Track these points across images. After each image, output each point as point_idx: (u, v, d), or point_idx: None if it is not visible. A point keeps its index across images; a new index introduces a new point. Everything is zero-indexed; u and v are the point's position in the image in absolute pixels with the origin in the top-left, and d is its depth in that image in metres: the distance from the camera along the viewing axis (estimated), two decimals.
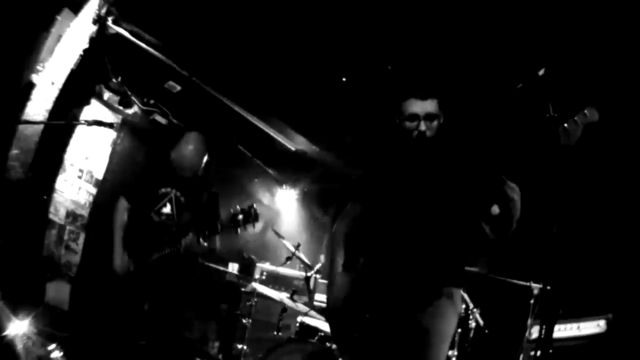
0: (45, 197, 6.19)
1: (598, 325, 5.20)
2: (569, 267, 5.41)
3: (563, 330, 5.39)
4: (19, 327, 4.83)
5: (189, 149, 5.05)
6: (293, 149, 8.90)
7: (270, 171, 9.45)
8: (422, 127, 3.29)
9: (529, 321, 5.59)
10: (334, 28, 6.22)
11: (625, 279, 5.77)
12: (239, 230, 4.83)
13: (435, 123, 3.34)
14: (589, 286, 5.95)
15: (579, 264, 5.92)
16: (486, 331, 6.05)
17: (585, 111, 2.91)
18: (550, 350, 5.04)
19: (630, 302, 5.40)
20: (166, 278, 4.93)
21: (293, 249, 6.62)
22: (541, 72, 2.96)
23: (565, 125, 2.86)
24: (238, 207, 4.80)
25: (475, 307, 6.05)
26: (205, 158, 5.17)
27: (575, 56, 5.16)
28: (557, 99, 2.86)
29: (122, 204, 5.12)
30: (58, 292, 6.42)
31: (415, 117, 3.31)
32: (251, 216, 4.81)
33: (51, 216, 6.39)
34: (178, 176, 5.09)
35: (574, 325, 5.36)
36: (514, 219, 3.09)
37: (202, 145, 5.15)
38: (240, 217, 4.77)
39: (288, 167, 9.44)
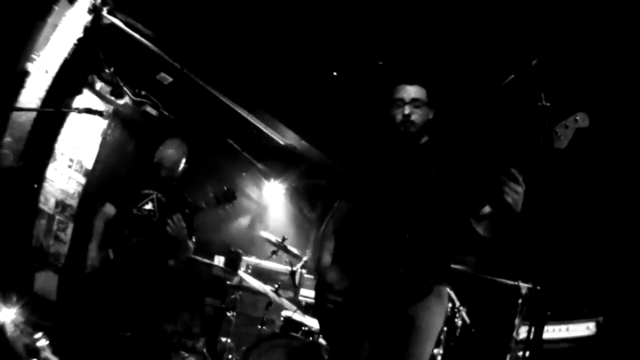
0: (35, 186, 6.15)
1: (588, 327, 5.21)
2: (561, 268, 5.45)
3: (551, 332, 5.38)
4: (8, 316, 4.84)
5: (169, 151, 5.26)
6: (282, 143, 8.89)
7: (258, 165, 9.44)
8: (407, 110, 3.34)
9: (516, 321, 5.58)
10: (326, 22, 6.23)
11: (618, 283, 5.80)
12: (219, 209, 5.05)
13: (421, 110, 3.38)
14: (581, 288, 5.98)
15: (572, 266, 5.95)
16: (472, 330, 6.07)
17: (577, 117, 2.92)
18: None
19: (622, 306, 5.43)
20: (145, 265, 5.02)
21: (278, 244, 6.62)
22: (534, 62, 2.99)
23: (556, 129, 2.89)
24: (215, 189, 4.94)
25: (462, 305, 6.06)
26: (181, 163, 5.32)
27: (568, 46, 5.19)
28: (550, 88, 2.89)
29: (107, 207, 5.26)
30: (46, 282, 6.39)
31: (400, 101, 3.37)
32: (228, 196, 4.99)
33: (41, 205, 6.34)
34: (161, 179, 5.25)
35: (563, 326, 5.36)
36: (509, 219, 3.06)
37: (181, 152, 5.33)
38: (221, 197, 4.96)
39: (277, 162, 9.42)
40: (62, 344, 5.16)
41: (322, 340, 5.35)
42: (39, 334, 5.06)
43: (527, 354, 2.91)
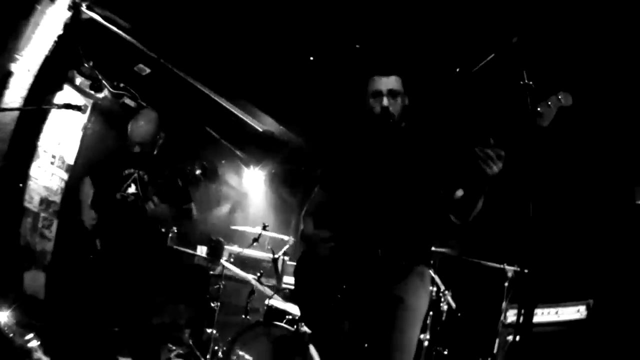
0: (20, 185, 6.11)
1: (578, 311, 5.22)
2: (552, 251, 5.50)
3: (540, 315, 5.37)
4: (1, 317, 4.84)
5: (139, 124, 5.19)
6: (260, 130, 8.90)
7: (237, 152, 9.44)
8: (385, 102, 3.36)
9: (503, 304, 5.63)
10: (301, 7, 6.22)
11: (608, 266, 5.86)
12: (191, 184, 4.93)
13: (398, 100, 3.40)
14: (571, 271, 6.03)
15: (562, 249, 6.01)
16: (459, 314, 6.12)
17: (560, 96, 2.91)
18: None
19: (613, 289, 5.46)
20: (133, 253, 4.96)
21: (258, 232, 6.64)
22: (515, 40, 2.98)
23: (538, 108, 2.88)
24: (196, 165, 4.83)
25: (446, 289, 6.11)
26: (154, 134, 5.25)
27: (550, 22, 5.22)
28: (531, 66, 2.89)
29: (88, 182, 5.25)
30: (34, 281, 6.36)
31: (378, 93, 3.39)
32: (210, 171, 5.00)
33: (26, 204, 6.30)
34: (139, 157, 5.17)
35: (552, 310, 5.37)
36: (477, 204, 3.14)
37: (152, 122, 5.25)
38: (200, 172, 4.82)
39: (255, 149, 9.43)
40: (53, 343, 5.16)
41: (305, 328, 5.38)
42: (31, 335, 5.05)
43: (517, 338, 2.90)
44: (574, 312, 5.26)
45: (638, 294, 5.24)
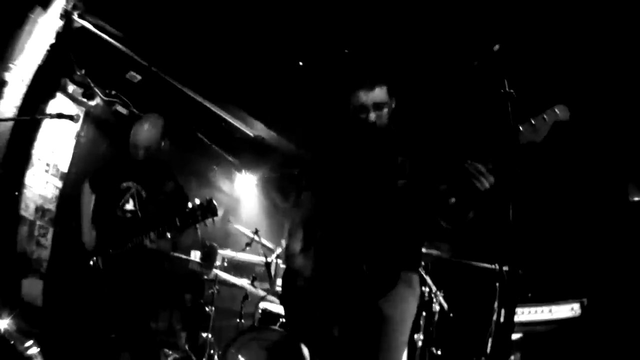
0: (16, 193, 6.14)
1: (572, 309, 5.20)
2: (545, 249, 5.52)
3: (534, 314, 5.39)
4: (1, 325, 4.87)
5: (144, 127, 4.99)
6: (251, 135, 8.94)
7: (229, 158, 9.47)
8: (372, 117, 3.30)
9: (495, 305, 5.56)
10: (290, 12, 6.28)
11: (602, 264, 5.89)
12: (197, 225, 4.77)
13: (385, 111, 3.33)
14: (565, 269, 6.08)
15: (556, 248, 6.05)
16: (451, 315, 6.14)
17: (556, 109, 2.88)
18: (520, 335, 5.16)
19: (607, 287, 5.45)
20: (133, 272, 4.93)
21: (251, 235, 6.68)
22: (496, 48, 2.97)
23: (532, 121, 2.85)
24: (197, 200, 4.69)
25: (438, 290, 6.13)
26: (159, 139, 5.09)
27: (532, 30, 5.26)
28: (513, 74, 2.86)
29: (87, 188, 5.21)
30: (31, 288, 6.38)
31: (364, 108, 3.30)
32: (210, 210, 4.70)
33: (22, 212, 6.34)
34: (138, 168, 5.05)
35: (546, 308, 5.35)
36: (470, 211, 3.13)
37: (158, 126, 5.08)
38: (199, 212, 4.66)
39: (247, 154, 9.46)
40: (52, 350, 5.18)
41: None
42: (30, 342, 5.07)
43: (500, 336, 2.90)
44: (568, 311, 5.25)
45: (632, 292, 5.23)
